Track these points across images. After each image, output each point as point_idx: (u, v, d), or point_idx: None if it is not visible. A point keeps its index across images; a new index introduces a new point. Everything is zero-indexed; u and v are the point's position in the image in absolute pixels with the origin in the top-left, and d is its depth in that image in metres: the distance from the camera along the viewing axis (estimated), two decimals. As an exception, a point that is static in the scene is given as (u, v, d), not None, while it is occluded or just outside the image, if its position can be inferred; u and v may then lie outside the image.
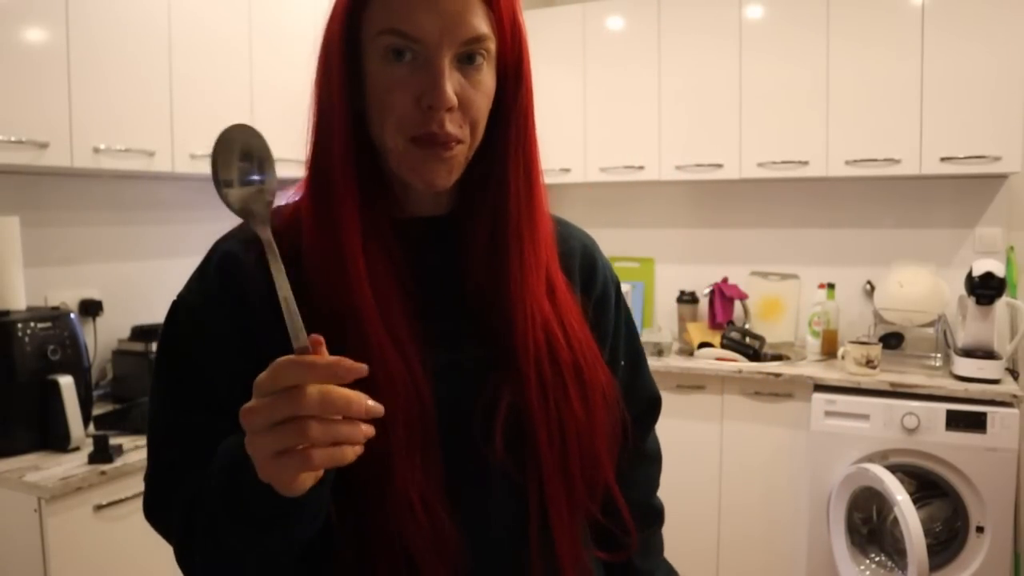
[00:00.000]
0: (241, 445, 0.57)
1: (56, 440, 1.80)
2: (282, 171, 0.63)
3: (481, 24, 0.70)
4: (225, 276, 0.73)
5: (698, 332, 3.12)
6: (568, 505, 0.77)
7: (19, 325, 1.81)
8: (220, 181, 0.61)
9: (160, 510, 0.74)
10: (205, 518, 0.65)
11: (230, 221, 0.70)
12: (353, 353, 0.57)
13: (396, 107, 0.69)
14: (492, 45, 0.72)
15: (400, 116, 0.70)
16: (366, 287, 0.70)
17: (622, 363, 0.92)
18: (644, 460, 0.99)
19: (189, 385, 0.72)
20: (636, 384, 0.95)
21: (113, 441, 1.78)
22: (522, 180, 0.76)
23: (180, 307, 0.75)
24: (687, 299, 3.30)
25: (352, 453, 0.55)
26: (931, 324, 2.79)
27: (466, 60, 0.70)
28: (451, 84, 0.68)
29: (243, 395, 0.57)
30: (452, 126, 0.69)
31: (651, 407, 0.99)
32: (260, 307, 0.70)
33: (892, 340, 2.86)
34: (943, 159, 2.62)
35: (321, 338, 0.57)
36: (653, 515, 1.00)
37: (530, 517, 0.75)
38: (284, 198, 0.77)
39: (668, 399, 1.03)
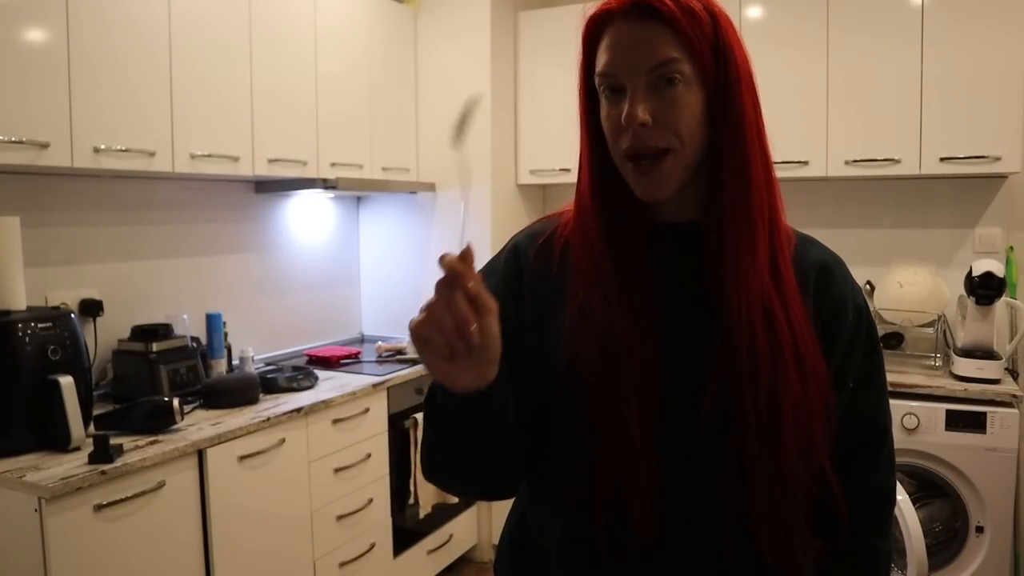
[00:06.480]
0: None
1: (56, 440, 1.80)
2: (282, 171, 0.63)
3: (667, 50, 0.80)
4: (510, 260, 0.96)
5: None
6: (773, 478, 0.82)
7: (19, 325, 1.81)
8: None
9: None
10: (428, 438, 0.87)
11: (229, 222, 0.71)
12: (599, 323, 0.83)
13: (612, 130, 0.84)
14: (685, 66, 0.81)
15: (614, 136, 0.84)
16: (611, 273, 0.86)
17: (851, 384, 0.93)
18: (867, 496, 0.96)
19: None
20: (859, 405, 0.94)
21: (113, 441, 1.78)
22: (737, 189, 0.85)
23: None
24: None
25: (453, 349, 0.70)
26: (931, 324, 2.79)
27: (665, 83, 0.81)
28: (643, 105, 0.80)
29: (506, 342, 0.76)
30: (649, 139, 0.81)
31: (872, 434, 0.97)
32: (530, 283, 0.93)
33: (892, 340, 2.86)
34: (943, 159, 2.61)
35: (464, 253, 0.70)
36: (869, 557, 0.96)
37: (724, 481, 0.83)
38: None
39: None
